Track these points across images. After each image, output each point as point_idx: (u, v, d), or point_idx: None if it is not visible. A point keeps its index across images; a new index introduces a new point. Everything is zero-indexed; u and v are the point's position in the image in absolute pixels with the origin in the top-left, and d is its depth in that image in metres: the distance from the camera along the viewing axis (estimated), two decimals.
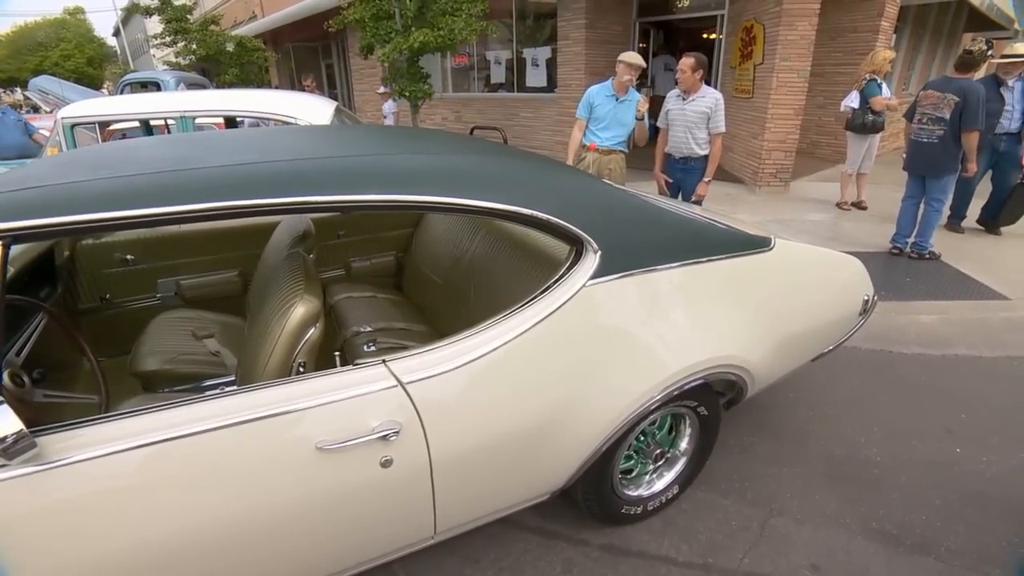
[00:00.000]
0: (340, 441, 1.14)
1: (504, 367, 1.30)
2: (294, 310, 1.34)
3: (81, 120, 3.44)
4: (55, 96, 7.99)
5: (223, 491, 1.09)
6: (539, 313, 1.33)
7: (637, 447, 1.81)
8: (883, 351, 3.07)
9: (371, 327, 2.19)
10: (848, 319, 2.07)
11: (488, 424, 1.31)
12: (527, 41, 9.66)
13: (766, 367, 1.78)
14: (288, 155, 1.27)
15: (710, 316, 1.60)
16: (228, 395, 1.13)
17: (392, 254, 2.84)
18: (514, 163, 1.46)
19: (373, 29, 7.00)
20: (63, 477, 0.97)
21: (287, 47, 17.38)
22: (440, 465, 1.27)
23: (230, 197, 1.08)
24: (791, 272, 1.81)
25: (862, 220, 5.32)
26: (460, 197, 1.24)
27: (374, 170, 1.23)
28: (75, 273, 2.29)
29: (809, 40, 5.67)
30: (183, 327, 2.20)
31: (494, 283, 1.99)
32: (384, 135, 1.68)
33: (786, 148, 6.06)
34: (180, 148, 1.36)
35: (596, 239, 1.38)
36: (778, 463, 2.16)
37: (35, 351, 1.68)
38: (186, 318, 2.27)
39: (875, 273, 4.04)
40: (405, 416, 1.20)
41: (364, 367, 1.21)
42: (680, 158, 3.68)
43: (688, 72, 3.38)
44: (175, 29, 11.42)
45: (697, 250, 1.57)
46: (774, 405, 2.52)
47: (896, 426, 2.38)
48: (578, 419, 1.42)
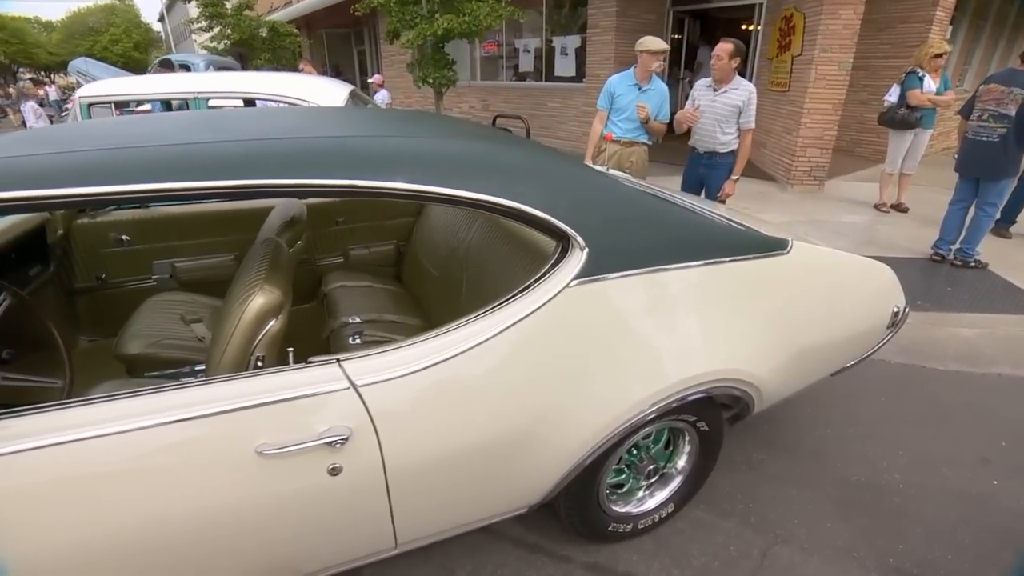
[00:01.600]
0: (282, 446, 1.04)
1: (472, 372, 1.19)
2: (252, 301, 1.25)
3: (97, 99, 3.46)
4: (91, 77, 8.21)
5: (158, 491, 1.01)
6: (515, 315, 1.21)
7: (629, 461, 1.68)
8: (916, 366, 2.83)
9: (360, 318, 2.11)
10: (874, 331, 1.88)
11: (452, 433, 1.20)
12: (557, 29, 9.43)
13: (776, 382, 1.61)
14: (251, 135, 1.18)
15: (712, 325, 1.44)
16: (170, 390, 1.04)
17: (392, 243, 2.74)
18: (499, 149, 1.33)
19: (399, 14, 6.91)
20: None
21: (320, 33, 17.50)
22: (397, 475, 1.16)
23: (172, 178, 1.00)
24: (809, 278, 1.63)
25: (902, 223, 4.99)
26: (428, 184, 1.12)
27: (337, 153, 1.12)
28: (71, 252, 2.27)
29: (853, 30, 5.31)
30: (173, 310, 2.16)
31: (486, 276, 1.88)
32: (366, 117, 1.57)
33: (822, 145, 5.72)
34: (142, 126, 1.28)
35: (583, 235, 1.25)
36: (788, 484, 1.99)
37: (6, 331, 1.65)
38: (178, 301, 2.23)
39: (913, 280, 3.84)
40: (357, 422, 1.10)
41: (318, 366, 1.12)
42: (704, 153, 3.47)
43: (725, 59, 3.16)
44: (211, 14, 11.58)
45: (701, 251, 1.42)
46: (789, 420, 2.34)
47: (925, 451, 2.17)
48: (557, 431, 1.30)
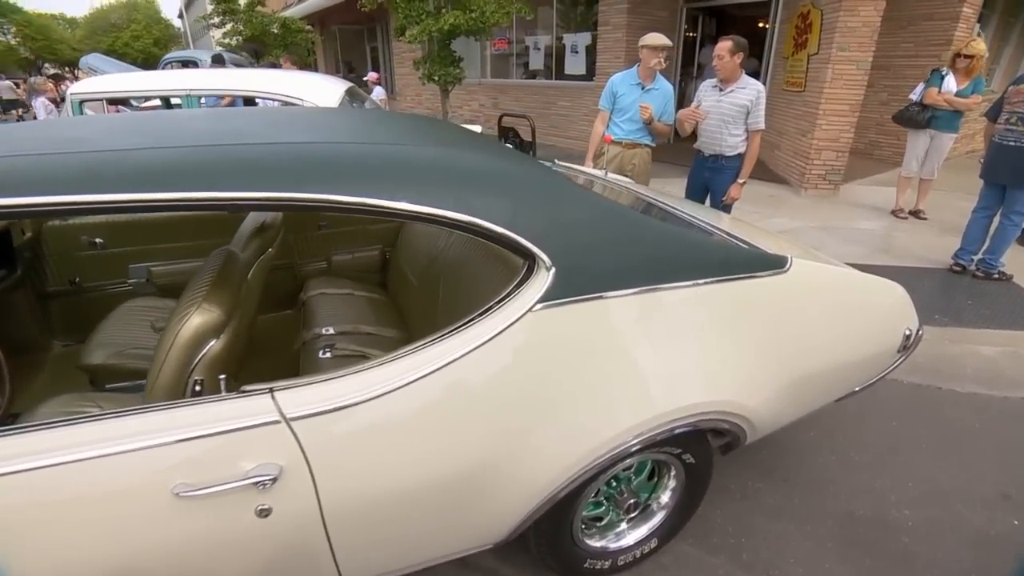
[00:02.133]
0: (201, 487, 0.94)
1: (419, 405, 1.07)
2: (188, 321, 1.15)
3: (89, 96, 3.40)
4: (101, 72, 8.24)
5: (63, 537, 0.91)
6: (471, 342, 1.09)
7: (608, 493, 1.55)
8: (930, 387, 2.66)
9: (334, 329, 2.01)
10: (883, 355, 1.73)
11: (398, 471, 1.08)
12: (568, 27, 9.27)
13: (770, 412, 1.47)
14: (182, 141, 1.07)
15: (696, 352, 1.31)
16: (81, 422, 0.94)
17: (378, 248, 2.64)
18: (455, 155, 1.21)
19: (405, 10, 6.82)
20: None
21: (334, 30, 17.49)
22: (336, 515, 1.06)
23: (75, 191, 0.89)
24: (809, 299, 1.49)
25: (920, 231, 4.76)
26: (368, 197, 1.01)
27: (266, 162, 1.01)
28: (42, 255, 2.20)
29: (873, 28, 5.09)
30: (145, 317, 2.08)
31: (461, 289, 1.76)
32: (318, 120, 1.45)
33: (838, 148, 5.50)
34: (69, 130, 1.18)
35: (550, 254, 1.12)
36: (785, 518, 1.85)
37: None
38: (150, 307, 2.14)
39: (930, 292, 3.63)
40: (288, 459, 0.99)
41: (248, 396, 1.01)
42: (710, 155, 3.31)
43: (726, 56, 2.99)
44: (223, 10, 11.61)
45: (685, 271, 1.28)
46: (789, 444, 2.19)
47: (938, 484, 2.01)
48: (519, 467, 1.18)
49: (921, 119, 4.66)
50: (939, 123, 4.64)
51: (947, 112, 4.57)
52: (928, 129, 4.70)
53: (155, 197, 0.92)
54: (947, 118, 4.61)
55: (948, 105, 4.52)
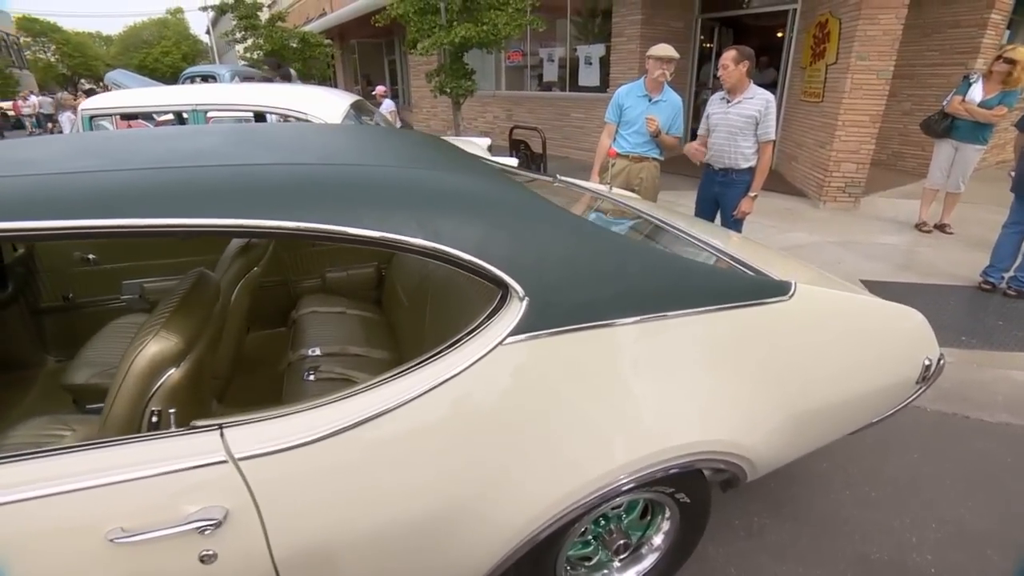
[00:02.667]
0: (138, 532, 0.87)
1: (383, 442, 1.00)
2: (144, 349, 1.10)
3: (100, 112, 3.46)
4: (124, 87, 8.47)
5: None
6: (434, 377, 1.01)
7: (596, 532, 1.45)
8: (957, 416, 2.48)
9: (321, 351, 1.95)
10: (899, 387, 1.60)
11: (356, 513, 1.01)
12: (583, 38, 9.25)
13: (771, 450, 1.36)
14: (133, 164, 1.03)
15: (689, 387, 1.21)
16: (12, 461, 0.89)
17: (373, 265, 2.59)
18: (421, 176, 1.14)
19: (417, 23, 6.86)
20: None
21: (352, 44, 17.81)
22: (288, 561, 0.98)
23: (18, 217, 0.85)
24: (815, 328, 1.38)
25: (946, 246, 4.55)
26: (321, 222, 0.94)
27: (219, 185, 0.96)
28: (35, 271, 2.20)
29: (894, 36, 4.92)
30: (132, 336, 2.05)
31: (448, 308, 1.68)
32: (284, 138, 1.39)
33: (858, 159, 5.32)
34: (24, 151, 1.15)
35: (522, 282, 1.04)
36: (793, 559, 1.72)
37: None
38: (138, 325, 2.12)
39: (956, 312, 3.44)
40: (234, 501, 0.92)
41: (196, 433, 0.95)
42: (720, 169, 3.20)
43: (731, 65, 2.89)
44: (245, 26, 11.90)
45: (677, 299, 1.19)
46: (800, 477, 2.05)
47: (965, 525, 1.85)
48: (492, 507, 1.09)
49: (939, 128, 4.47)
50: (959, 133, 4.42)
51: (968, 122, 4.34)
52: (950, 139, 4.49)
53: (103, 224, 0.87)
54: (968, 128, 4.37)
55: (968, 115, 4.31)
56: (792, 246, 4.48)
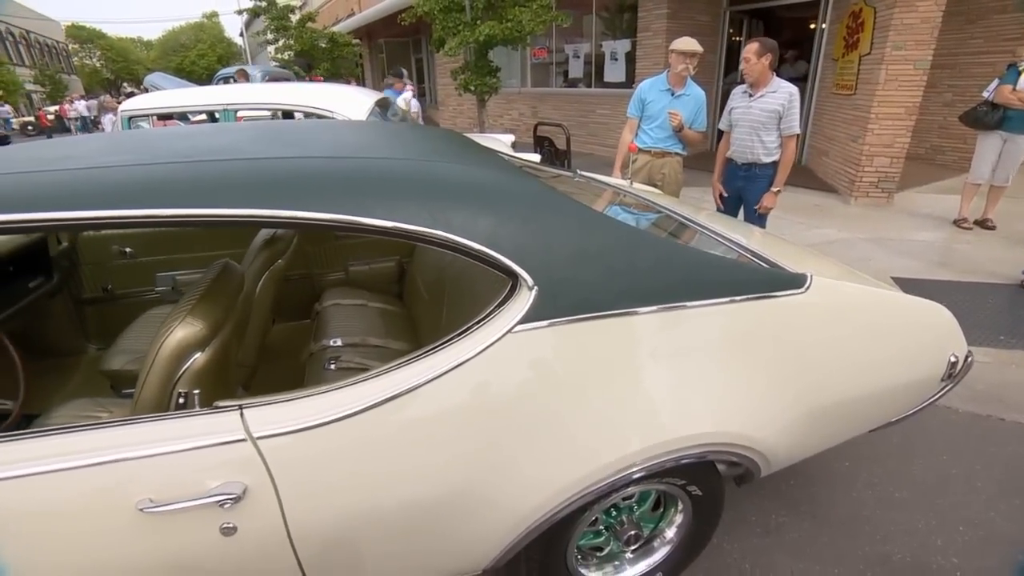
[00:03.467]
0: (165, 503, 0.93)
1: (394, 425, 1.03)
2: (171, 334, 1.16)
3: (138, 112, 3.61)
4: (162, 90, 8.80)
5: (28, 549, 0.93)
6: (447, 362, 1.04)
7: (608, 523, 1.46)
8: (991, 418, 2.39)
9: (342, 341, 2.01)
10: (924, 384, 1.55)
11: (369, 493, 1.04)
12: (612, 33, 9.17)
13: (785, 445, 1.35)
14: (164, 158, 1.09)
15: (699, 379, 1.21)
16: (52, 434, 0.96)
17: (395, 259, 2.64)
18: (434, 168, 1.17)
19: (443, 21, 6.92)
20: None
21: (380, 43, 18.05)
22: (304, 535, 1.03)
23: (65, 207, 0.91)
24: (831, 322, 1.35)
25: (987, 242, 4.36)
26: (336, 212, 0.98)
27: (236, 178, 1.01)
28: (77, 264, 2.33)
29: (933, 24, 4.73)
30: None
31: (464, 300, 1.71)
32: (299, 134, 1.44)
33: (893, 154, 5.14)
34: (63, 148, 1.22)
35: (531, 272, 1.06)
36: (810, 557, 1.69)
37: None
38: None
39: (995, 311, 3.31)
40: (253, 478, 0.97)
41: (218, 413, 1.00)
42: (743, 164, 3.14)
43: (753, 59, 2.84)
44: (276, 27, 12.20)
45: (687, 290, 1.19)
46: (820, 476, 2.01)
47: (995, 529, 1.79)
48: (496, 494, 1.11)
49: (991, 120, 4.28)
50: (1012, 124, 4.23)
51: (1021, 112, 4.17)
52: (999, 131, 4.30)
53: (128, 214, 0.93)
54: (1021, 118, 4.20)
55: (1022, 104, 4.12)
56: (820, 243, 4.37)
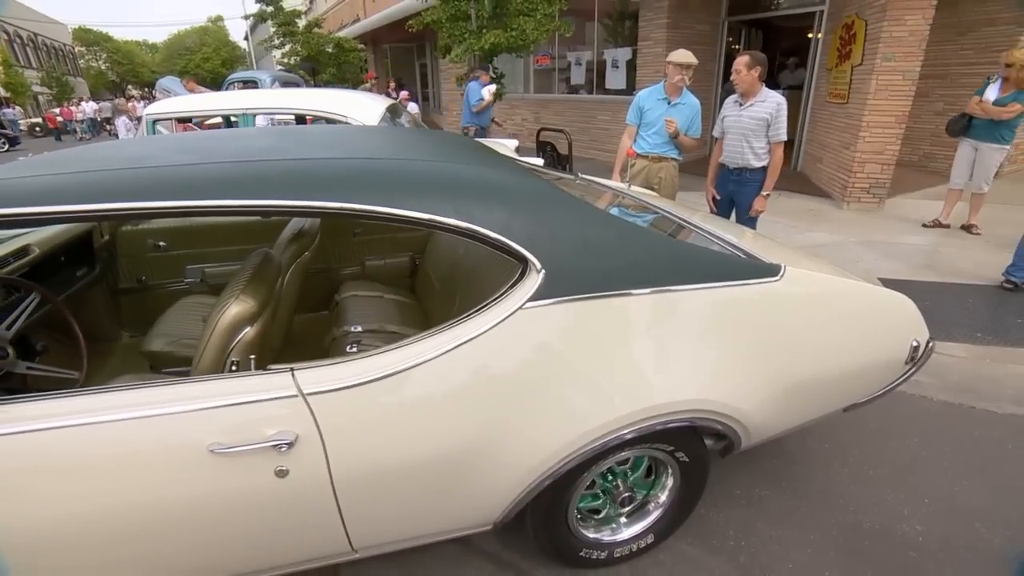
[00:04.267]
0: (232, 446, 1.11)
1: (420, 387, 1.21)
2: (228, 309, 1.34)
3: (162, 116, 3.81)
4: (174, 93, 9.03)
5: (119, 481, 1.10)
6: (468, 333, 1.22)
7: (604, 487, 1.64)
8: (963, 406, 2.57)
9: (362, 327, 2.19)
10: (889, 366, 1.73)
11: (398, 446, 1.22)
12: (609, 42, 9.39)
13: (763, 417, 1.52)
14: (225, 157, 1.27)
15: (684, 353, 1.39)
16: (141, 387, 1.14)
17: (408, 255, 2.83)
18: (456, 168, 1.35)
19: (449, 30, 7.14)
20: None
21: (385, 48, 18.31)
22: (343, 482, 1.20)
23: (147, 198, 1.10)
24: (803, 307, 1.53)
25: (971, 246, 4.55)
26: (377, 205, 1.16)
27: (293, 175, 1.19)
28: (116, 256, 2.51)
29: (921, 37, 4.93)
30: (198, 312, 2.33)
31: (475, 291, 1.89)
32: (337, 137, 1.63)
33: (883, 160, 5.33)
34: (133, 149, 1.41)
35: (539, 257, 1.24)
36: (788, 525, 1.87)
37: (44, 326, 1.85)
38: (203, 304, 2.40)
39: (975, 309, 3.50)
40: (303, 428, 1.15)
41: (273, 373, 1.18)
42: (734, 169, 3.34)
43: (743, 71, 3.04)
44: (284, 32, 12.43)
45: (674, 275, 1.37)
46: (800, 455, 2.19)
47: (957, 502, 1.96)
48: (508, 451, 1.29)
49: (957, 127, 4.53)
50: (976, 132, 4.50)
51: (984, 121, 4.43)
52: (968, 139, 4.54)
53: (201, 204, 1.11)
54: (984, 127, 4.46)
55: (983, 113, 4.37)
56: (812, 245, 4.55)
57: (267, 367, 1.19)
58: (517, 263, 1.28)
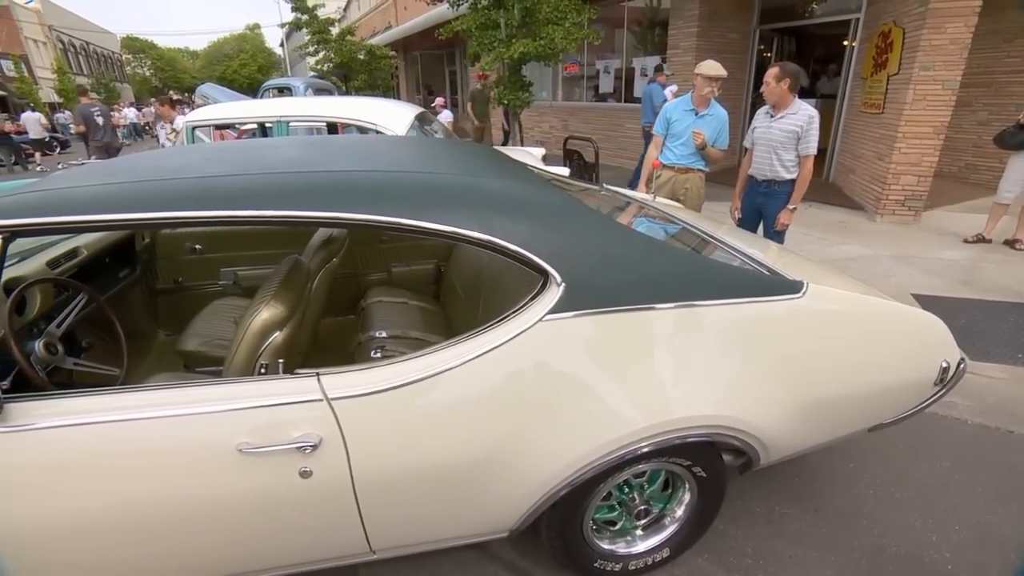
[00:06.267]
0: (259, 446, 1.16)
1: (440, 395, 1.24)
2: (258, 314, 1.40)
3: (200, 123, 3.97)
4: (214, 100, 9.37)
5: (144, 479, 1.16)
6: (489, 343, 1.25)
7: (620, 499, 1.64)
8: (999, 430, 2.47)
9: (387, 333, 2.24)
10: (917, 387, 1.69)
11: (418, 451, 1.25)
12: (638, 50, 9.37)
13: (784, 435, 1.51)
14: (258, 169, 1.33)
15: (702, 369, 1.38)
16: (174, 387, 1.20)
17: (433, 262, 2.88)
18: (479, 182, 1.39)
19: (479, 38, 7.23)
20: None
21: (416, 55, 18.62)
22: (364, 484, 1.24)
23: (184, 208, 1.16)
24: (824, 324, 1.51)
25: (1014, 263, 4.37)
26: (403, 217, 1.21)
27: (323, 187, 1.24)
28: (155, 258, 2.63)
29: (963, 45, 4.78)
30: (230, 314, 2.42)
31: (498, 300, 1.92)
32: (366, 150, 1.68)
33: (920, 172, 5.17)
34: (174, 159, 1.49)
35: (560, 270, 1.27)
36: (809, 544, 1.83)
37: (90, 324, 1.96)
38: (235, 306, 2.49)
39: (1018, 329, 3.37)
40: (327, 431, 1.19)
41: (300, 378, 1.23)
42: (763, 180, 3.29)
43: (772, 83, 3.00)
44: (318, 40, 12.78)
45: (695, 291, 1.37)
46: (824, 474, 2.14)
47: (990, 530, 1.90)
48: (525, 460, 1.31)
49: (1016, 141, 4.33)
50: None
51: None
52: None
53: (237, 214, 1.17)
54: None
55: None
56: (842, 259, 4.44)
57: (294, 371, 1.24)
58: (538, 276, 1.31)
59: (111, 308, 1.96)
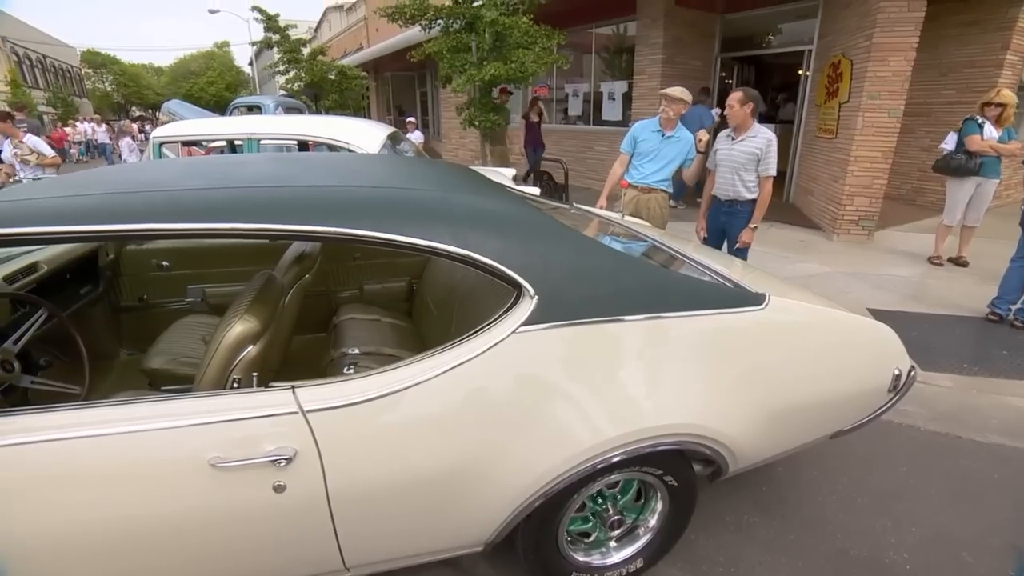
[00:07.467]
0: (232, 460, 1.14)
1: (414, 407, 1.25)
2: (232, 328, 1.38)
3: (168, 139, 3.91)
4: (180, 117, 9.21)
5: (116, 493, 1.13)
6: (462, 355, 1.27)
7: (594, 510, 1.66)
8: (950, 435, 2.61)
9: (359, 349, 2.22)
10: (872, 394, 1.78)
11: (392, 464, 1.25)
12: (606, 74, 9.68)
13: (750, 443, 1.56)
14: (234, 183, 1.34)
15: (672, 378, 1.43)
16: (145, 402, 1.18)
17: (405, 280, 2.88)
18: (455, 198, 1.42)
19: (450, 61, 7.35)
20: None
21: (387, 76, 18.75)
22: (339, 498, 1.23)
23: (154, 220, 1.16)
24: (787, 336, 1.59)
25: (958, 278, 4.65)
26: (381, 231, 1.22)
27: (302, 201, 1.26)
28: (119, 275, 2.56)
29: (904, 77, 5.14)
30: (197, 331, 2.37)
31: (471, 316, 1.94)
32: (343, 166, 1.70)
33: (871, 194, 5.48)
34: (147, 173, 1.47)
35: (533, 283, 1.30)
36: (777, 551, 1.88)
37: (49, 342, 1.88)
38: (203, 323, 2.43)
39: (961, 341, 3.57)
40: (302, 444, 1.18)
41: (274, 391, 1.22)
42: (726, 200, 3.44)
43: (736, 107, 3.16)
44: (289, 59, 12.75)
45: (663, 303, 1.43)
46: (789, 482, 2.21)
47: (944, 531, 1.99)
48: (500, 471, 1.32)
49: (972, 166, 4.66)
50: (986, 169, 4.67)
51: (992, 159, 4.63)
52: (976, 176, 4.70)
53: (212, 226, 1.17)
54: (992, 164, 4.66)
55: (993, 151, 4.54)
56: (802, 276, 4.64)
57: (269, 384, 1.23)
58: (511, 289, 1.34)
59: (72, 324, 1.90)
